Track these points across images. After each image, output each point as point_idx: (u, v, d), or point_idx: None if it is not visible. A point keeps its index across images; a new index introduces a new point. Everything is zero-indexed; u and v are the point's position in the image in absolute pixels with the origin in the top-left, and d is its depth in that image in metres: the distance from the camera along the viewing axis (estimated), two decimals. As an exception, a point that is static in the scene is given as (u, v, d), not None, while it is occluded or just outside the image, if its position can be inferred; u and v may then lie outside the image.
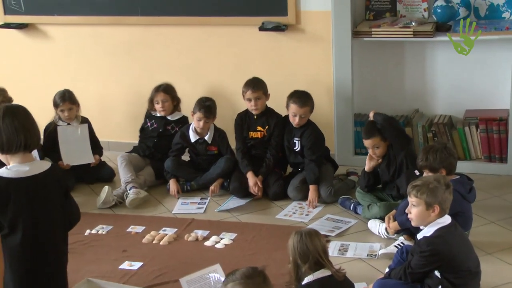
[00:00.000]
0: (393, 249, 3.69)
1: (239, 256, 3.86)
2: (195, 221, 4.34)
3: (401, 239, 3.79)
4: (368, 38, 4.75)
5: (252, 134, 4.78)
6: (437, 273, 3.12)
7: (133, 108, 5.38)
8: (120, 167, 4.80)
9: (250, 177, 4.62)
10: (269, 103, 4.78)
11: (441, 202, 3.11)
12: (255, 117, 4.75)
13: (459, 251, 3.11)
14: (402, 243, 3.73)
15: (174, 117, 5.01)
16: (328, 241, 3.89)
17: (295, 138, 4.65)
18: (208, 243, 4.05)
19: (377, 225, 4.05)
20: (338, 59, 4.83)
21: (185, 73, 5.24)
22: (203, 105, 4.71)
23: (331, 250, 3.80)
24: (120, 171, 4.79)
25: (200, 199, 4.67)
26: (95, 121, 5.16)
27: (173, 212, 4.52)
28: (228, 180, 4.71)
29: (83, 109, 5.08)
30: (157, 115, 5.01)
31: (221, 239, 4.08)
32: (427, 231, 3.14)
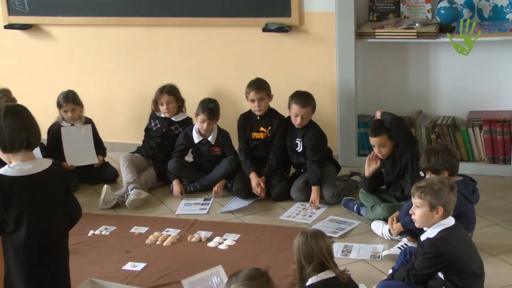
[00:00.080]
0: (397, 251, 3.68)
1: (242, 257, 3.86)
2: (198, 222, 4.34)
3: (405, 240, 3.79)
4: (371, 39, 4.75)
5: (255, 135, 4.78)
6: (441, 275, 3.12)
7: (136, 109, 5.39)
8: (122, 167, 4.81)
9: (253, 178, 4.62)
10: (272, 104, 4.78)
11: (445, 203, 3.10)
12: (258, 118, 4.75)
13: (463, 253, 3.10)
14: (405, 244, 3.72)
15: (178, 118, 5.02)
16: (332, 242, 3.88)
17: (297, 139, 4.65)
18: (211, 244, 4.05)
19: (380, 227, 4.05)
20: (342, 60, 4.83)
21: (189, 73, 5.25)
22: (206, 107, 4.71)
23: (334, 251, 3.78)
24: (122, 172, 4.80)
25: (204, 200, 4.67)
26: (99, 122, 5.17)
27: (176, 213, 4.52)
28: (231, 181, 4.71)
29: (87, 109, 5.09)
30: (162, 115, 5.02)
31: (224, 240, 4.08)
32: (431, 233, 3.14)
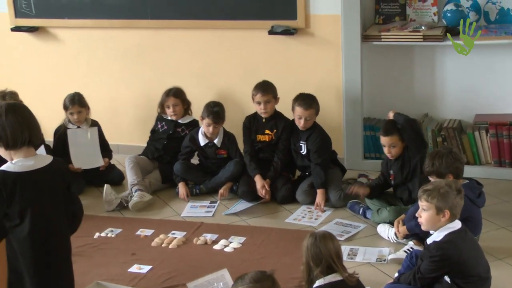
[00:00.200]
0: (403, 254, 3.66)
1: (248, 260, 3.86)
2: (204, 225, 4.34)
3: (411, 244, 3.78)
4: (377, 42, 4.74)
5: (260, 137, 4.78)
6: (447, 278, 3.11)
7: (142, 111, 5.40)
8: (127, 168, 4.82)
9: (258, 180, 4.62)
10: (278, 107, 4.78)
11: (451, 207, 3.09)
12: (263, 120, 4.75)
13: (469, 256, 3.10)
14: (411, 248, 3.71)
15: (184, 120, 5.02)
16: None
17: (301, 142, 4.65)
18: (217, 247, 4.05)
19: (386, 230, 4.04)
20: (348, 63, 4.82)
21: (195, 76, 5.25)
22: (211, 111, 4.71)
23: (340, 255, 3.79)
24: (127, 173, 4.81)
25: (209, 203, 4.67)
26: (105, 124, 5.18)
27: (182, 215, 4.52)
28: (237, 184, 4.71)
29: (93, 112, 5.09)
30: (168, 118, 5.03)
31: (230, 242, 4.08)
32: (437, 236, 3.13)
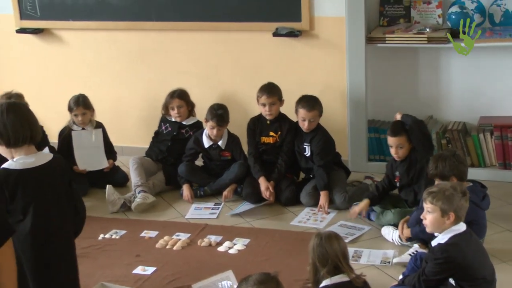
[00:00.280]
0: (408, 258, 3.65)
1: (252, 262, 3.86)
2: (208, 227, 4.34)
3: (416, 247, 3.77)
4: (382, 44, 4.74)
5: (264, 139, 4.78)
6: (452, 281, 3.11)
7: (147, 113, 5.40)
8: (131, 169, 4.83)
9: (262, 182, 4.62)
10: (282, 109, 4.77)
11: (456, 209, 3.09)
12: (268, 122, 4.75)
13: (474, 259, 3.09)
14: (416, 251, 3.70)
15: (188, 122, 5.03)
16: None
17: (305, 143, 4.65)
18: (221, 249, 4.05)
19: (390, 232, 4.03)
20: (352, 65, 4.82)
21: (199, 78, 5.26)
22: (215, 113, 4.71)
23: (345, 257, 3.78)
24: (131, 174, 4.82)
25: (214, 205, 4.67)
26: (109, 126, 5.18)
27: (186, 217, 4.52)
28: (241, 186, 4.72)
29: (98, 113, 5.10)
30: (172, 119, 5.03)
31: (234, 244, 4.08)
32: (442, 238, 3.12)
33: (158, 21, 5.17)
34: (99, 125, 5.08)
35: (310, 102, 4.57)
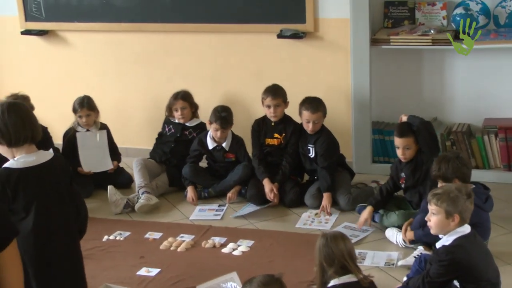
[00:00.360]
0: (412, 260, 3.65)
1: (256, 264, 3.86)
2: (213, 228, 4.34)
3: (420, 249, 3.76)
4: (386, 46, 4.74)
5: (269, 141, 4.78)
6: (457, 283, 3.10)
7: (151, 114, 5.41)
8: (135, 171, 4.83)
9: (266, 184, 4.62)
10: (287, 110, 4.78)
11: (461, 211, 3.08)
12: (272, 124, 4.75)
13: (479, 261, 3.08)
14: (420, 253, 3.69)
15: (192, 123, 5.03)
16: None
17: (309, 145, 4.65)
18: (225, 250, 4.05)
19: (394, 234, 4.02)
20: (356, 67, 4.82)
21: (203, 79, 5.26)
22: (219, 116, 4.71)
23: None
24: (135, 175, 4.83)
25: (218, 206, 4.67)
26: (114, 128, 5.19)
27: (190, 218, 4.53)
28: (245, 187, 4.72)
29: (102, 115, 5.11)
30: (176, 121, 5.04)
31: (238, 246, 4.08)
32: (446, 240, 3.12)
33: (163, 23, 5.18)
34: (103, 127, 5.09)
35: (314, 104, 4.57)
